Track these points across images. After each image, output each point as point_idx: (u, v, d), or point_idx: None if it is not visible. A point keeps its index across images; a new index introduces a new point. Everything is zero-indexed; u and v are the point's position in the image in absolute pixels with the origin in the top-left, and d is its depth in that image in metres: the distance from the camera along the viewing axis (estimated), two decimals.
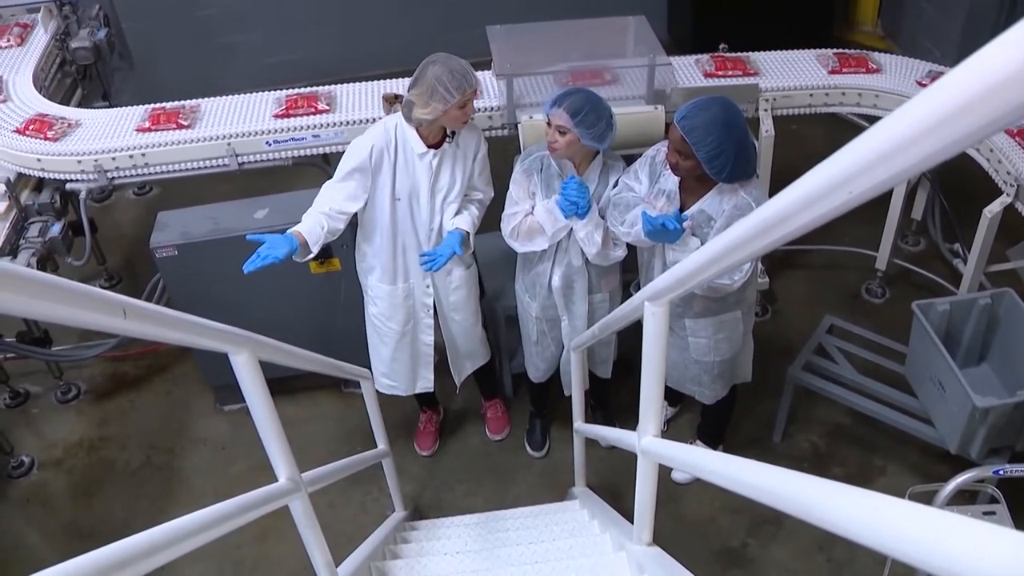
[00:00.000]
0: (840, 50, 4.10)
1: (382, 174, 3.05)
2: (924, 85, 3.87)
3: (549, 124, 2.98)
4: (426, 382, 3.65)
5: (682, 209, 2.94)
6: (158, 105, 3.93)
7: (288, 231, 2.91)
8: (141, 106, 3.96)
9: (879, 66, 3.98)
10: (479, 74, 3.94)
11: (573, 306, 3.36)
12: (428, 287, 3.36)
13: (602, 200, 3.10)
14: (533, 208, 3.13)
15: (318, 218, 2.98)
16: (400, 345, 3.49)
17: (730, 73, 3.92)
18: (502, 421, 4.09)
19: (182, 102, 3.94)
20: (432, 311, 3.44)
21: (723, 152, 2.71)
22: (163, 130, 3.76)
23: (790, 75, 3.96)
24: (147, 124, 3.78)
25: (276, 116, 3.79)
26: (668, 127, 3.67)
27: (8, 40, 4.51)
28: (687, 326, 3.21)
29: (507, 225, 3.17)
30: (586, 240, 3.08)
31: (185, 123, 3.77)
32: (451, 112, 2.91)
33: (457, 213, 3.21)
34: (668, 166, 2.91)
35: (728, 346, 3.25)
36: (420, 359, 3.57)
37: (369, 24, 6.42)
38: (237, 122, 3.79)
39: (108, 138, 3.76)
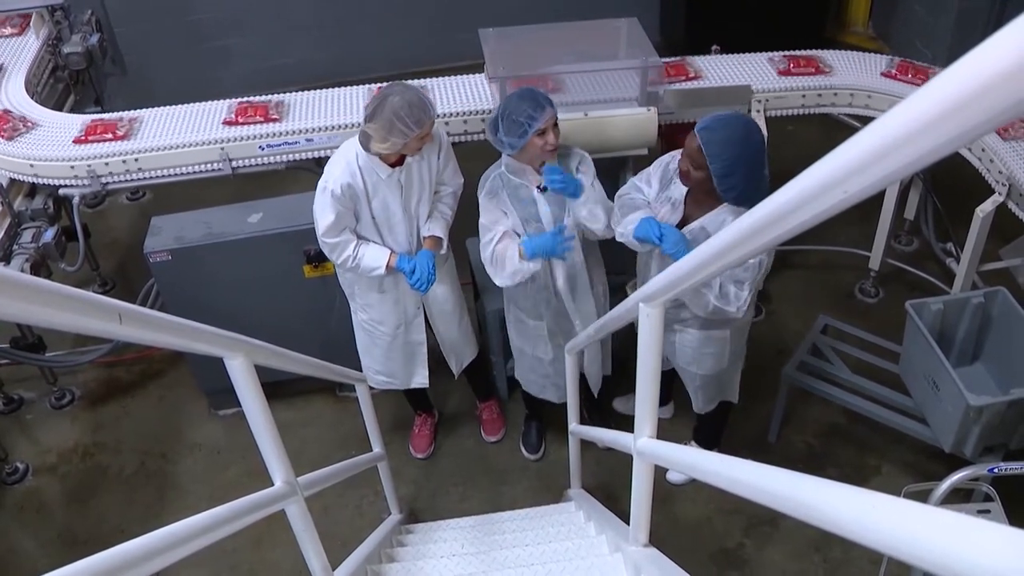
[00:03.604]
0: (791, 52, 4.11)
1: (358, 203, 3.07)
2: (891, 76, 3.93)
3: (542, 133, 2.90)
4: (421, 378, 3.65)
5: (685, 221, 2.92)
6: (97, 116, 3.92)
7: (388, 258, 3.14)
8: (87, 115, 3.96)
9: (828, 67, 4.00)
10: (473, 77, 3.99)
11: (582, 305, 3.33)
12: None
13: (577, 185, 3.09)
14: (505, 232, 3.11)
15: (369, 245, 3.15)
16: (393, 345, 3.50)
17: (671, 78, 3.89)
18: (498, 423, 4.09)
19: (121, 113, 3.93)
20: (422, 309, 3.46)
21: (736, 171, 2.67)
22: (99, 141, 3.73)
23: (734, 79, 3.96)
24: (83, 135, 3.77)
25: (225, 123, 3.78)
26: (665, 129, 3.73)
27: (9, 29, 4.52)
28: (676, 332, 3.21)
29: (485, 252, 3.13)
30: (589, 217, 3.04)
31: (120, 134, 3.75)
32: (410, 144, 2.90)
33: (430, 214, 3.23)
34: (679, 174, 2.91)
35: (713, 362, 3.25)
36: (415, 357, 3.58)
37: (364, 28, 6.42)
38: (175, 133, 3.77)
39: (52, 146, 3.75)
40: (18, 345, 3.99)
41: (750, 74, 3.98)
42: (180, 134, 3.74)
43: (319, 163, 3.86)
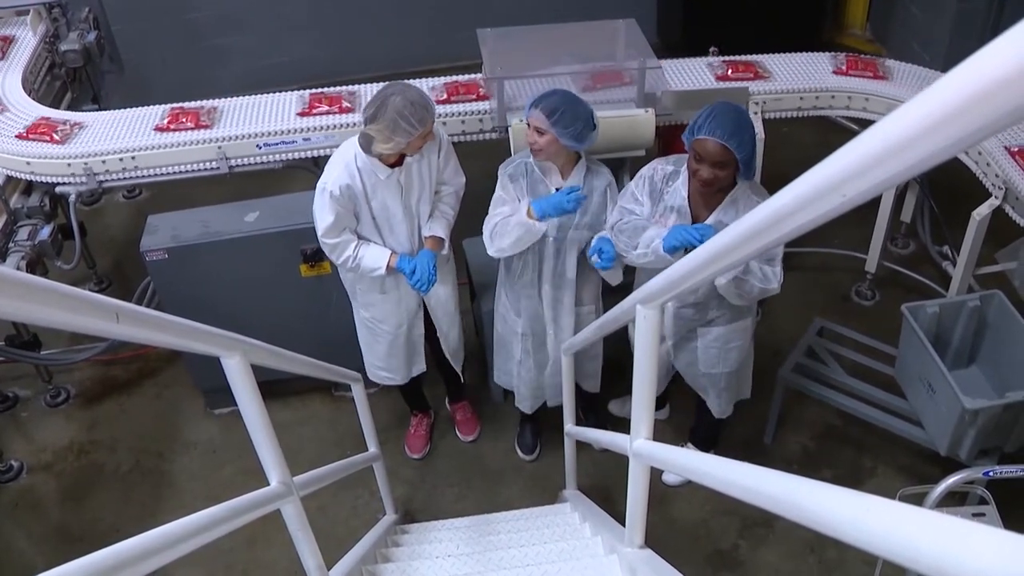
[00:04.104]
0: (730, 57, 4.09)
1: (358, 204, 3.07)
2: (842, 73, 3.98)
3: (529, 126, 2.98)
4: (420, 366, 3.67)
5: (694, 221, 2.91)
6: (45, 114, 3.93)
7: (388, 258, 3.14)
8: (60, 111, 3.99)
9: (766, 72, 4.00)
10: (471, 76, 3.99)
11: (560, 318, 3.36)
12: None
13: (593, 206, 3.10)
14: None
15: (370, 245, 3.15)
16: (395, 343, 3.51)
17: (600, 86, 3.80)
18: (472, 422, 4.10)
19: (68, 114, 3.94)
20: (422, 307, 3.47)
21: (753, 148, 2.74)
22: (37, 140, 3.74)
23: (674, 84, 3.93)
24: (25, 132, 3.78)
25: (157, 129, 3.78)
26: (663, 133, 3.73)
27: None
28: (698, 336, 3.21)
29: (490, 221, 3.14)
30: (610, 277, 3.17)
31: (58, 138, 3.74)
32: (412, 143, 2.90)
33: (431, 214, 3.23)
34: (670, 182, 2.92)
35: (737, 355, 3.25)
36: (415, 350, 3.59)
37: (362, 27, 6.41)
38: (106, 140, 3.75)
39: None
40: (13, 343, 3.99)
41: (688, 79, 3.97)
42: (111, 142, 3.72)
43: (316, 162, 3.86)
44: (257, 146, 3.74)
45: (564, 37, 4.11)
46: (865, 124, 4.14)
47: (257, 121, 3.80)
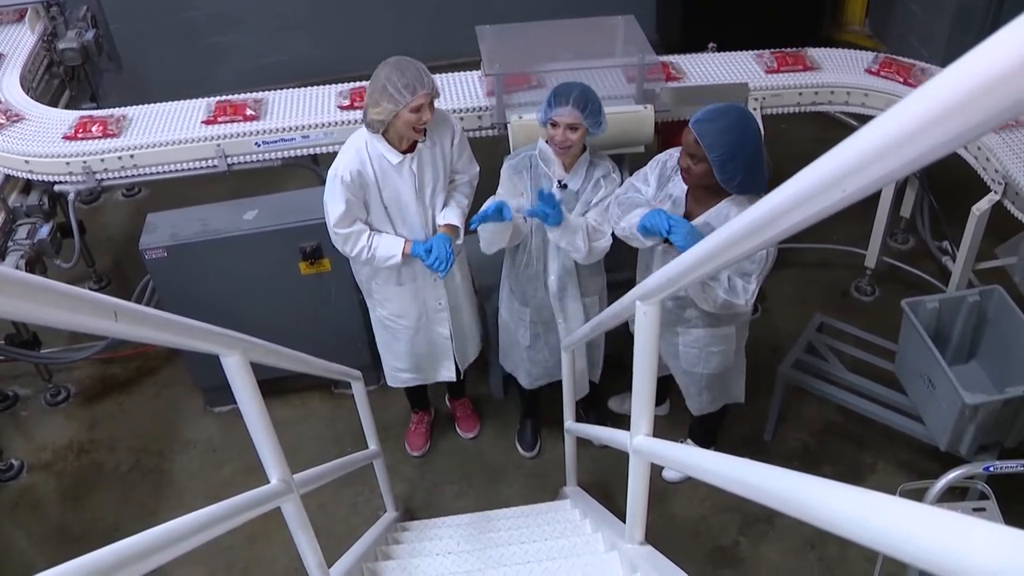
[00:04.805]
0: (660, 59, 4.05)
1: (368, 192, 3.03)
2: (773, 71, 3.98)
3: (554, 126, 2.93)
4: (448, 372, 3.63)
5: (687, 217, 2.90)
6: None
7: (403, 245, 3.09)
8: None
9: (680, 73, 3.98)
10: (470, 74, 3.98)
11: (567, 308, 3.36)
12: (436, 281, 3.33)
13: (586, 195, 3.10)
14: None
15: (383, 235, 3.11)
16: (416, 339, 3.48)
17: (514, 87, 3.75)
18: (472, 419, 4.10)
19: (9, 106, 3.97)
20: (445, 303, 3.41)
21: (735, 158, 2.67)
22: None
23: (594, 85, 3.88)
24: None
25: (65, 138, 3.77)
26: (662, 126, 3.73)
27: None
28: (679, 334, 3.21)
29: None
30: (569, 247, 3.06)
31: None
32: (403, 115, 2.83)
33: (445, 203, 3.20)
34: (679, 172, 2.89)
35: (719, 360, 3.24)
36: (439, 351, 3.55)
37: (361, 25, 6.41)
38: (25, 142, 3.76)
39: None
40: (13, 342, 3.98)
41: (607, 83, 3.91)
42: (24, 144, 3.73)
43: (316, 160, 3.86)
44: (256, 144, 3.73)
45: (563, 34, 4.10)
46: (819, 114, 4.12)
47: (162, 130, 3.78)
